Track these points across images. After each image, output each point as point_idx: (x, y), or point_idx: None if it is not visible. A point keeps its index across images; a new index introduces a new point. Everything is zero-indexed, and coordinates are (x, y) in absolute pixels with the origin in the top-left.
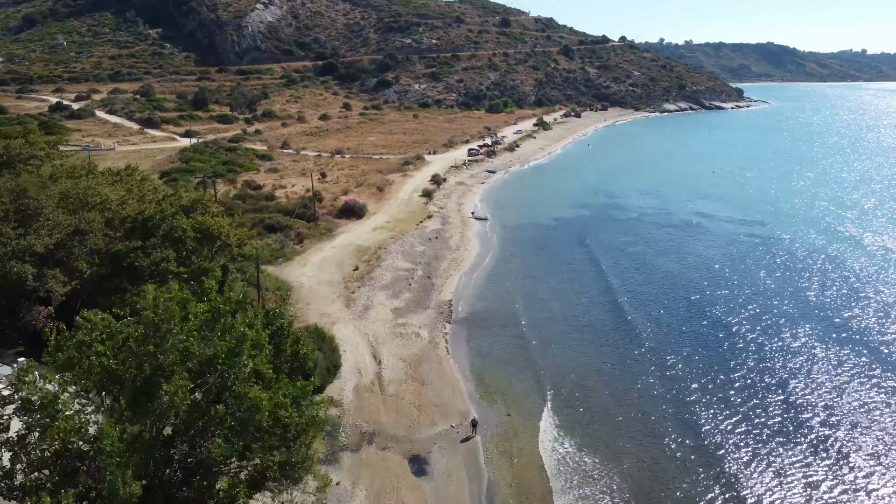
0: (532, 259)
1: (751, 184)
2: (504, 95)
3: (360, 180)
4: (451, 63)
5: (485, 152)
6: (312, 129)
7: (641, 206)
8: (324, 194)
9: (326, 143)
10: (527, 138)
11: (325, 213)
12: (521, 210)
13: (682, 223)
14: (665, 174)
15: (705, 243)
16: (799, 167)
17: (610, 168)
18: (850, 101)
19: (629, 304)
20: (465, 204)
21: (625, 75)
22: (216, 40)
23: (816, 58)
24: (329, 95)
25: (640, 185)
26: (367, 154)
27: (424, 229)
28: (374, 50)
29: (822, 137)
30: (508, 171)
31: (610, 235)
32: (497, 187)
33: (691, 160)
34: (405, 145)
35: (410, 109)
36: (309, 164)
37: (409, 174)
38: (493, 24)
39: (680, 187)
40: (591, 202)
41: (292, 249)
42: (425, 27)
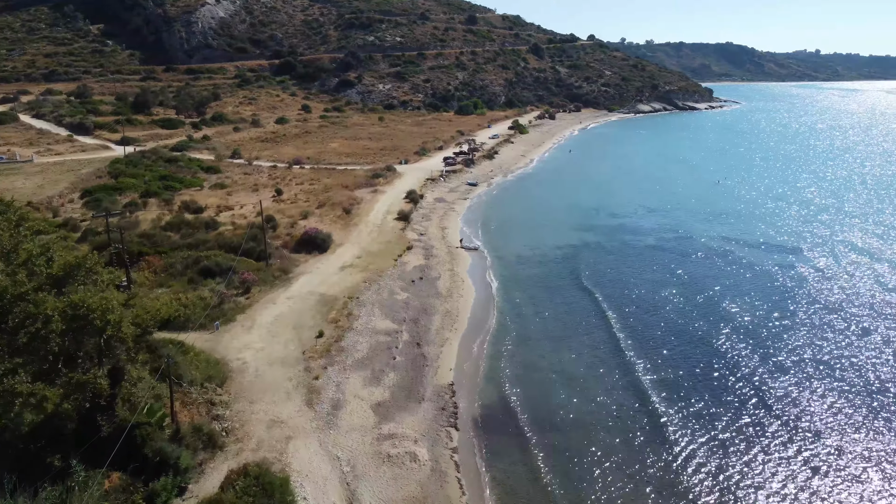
0: (547, 310)
1: (763, 198)
2: (473, 96)
3: (322, 199)
4: (416, 62)
5: (462, 161)
6: (268, 134)
7: (654, 230)
8: (279, 218)
9: (283, 152)
10: (504, 143)
11: (280, 245)
12: (517, 235)
13: (710, 252)
14: (666, 186)
15: (760, 288)
16: (807, 176)
17: (602, 179)
18: (817, 101)
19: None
20: (448, 228)
21: (596, 75)
22: (163, 37)
23: (774, 58)
24: (287, 96)
25: (643, 200)
26: (329, 164)
27: (405, 266)
28: (335, 48)
29: (812, 141)
30: (491, 184)
31: (633, 273)
32: (482, 204)
33: (687, 169)
34: (372, 153)
35: (375, 111)
36: (262, 177)
37: (379, 189)
38: (459, 22)
39: (688, 203)
40: (595, 224)
41: (235, 304)
42: (389, 24)
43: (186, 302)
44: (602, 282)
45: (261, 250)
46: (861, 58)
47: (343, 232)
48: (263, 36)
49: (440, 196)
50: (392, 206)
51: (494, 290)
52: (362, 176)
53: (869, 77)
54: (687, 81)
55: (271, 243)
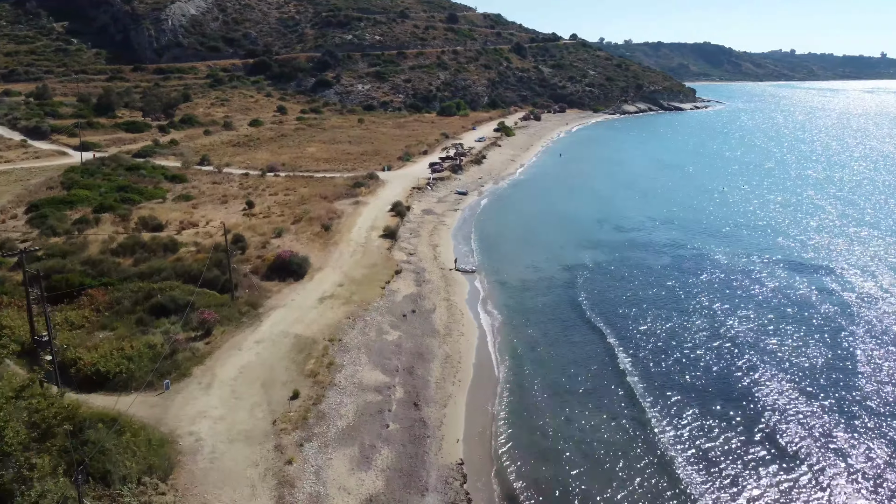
0: (564, 352)
1: (773, 207)
2: (456, 96)
3: (298, 212)
4: (396, 61)
5: (449, 167)
6: (241, 137)
7: (667, 245)
8: (249, 237)
9: (256, 157)
10: (491, 147)
11: (249, 270)
12: (516, 254)
13: (735, 275)
14: (667, 195)
15: (794, 317)
16: (811, 180)
17: (599, 187)
18: (800, 101)
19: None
20: (440, 245)
21: (580, 75)
22: (131, 35)
23: (751, 58)
24: (261, 97)
25: (647, 210)
26: (306, 171)
27: (394, 296)
28: (312, 47)
29: (807, 143)
30: (482, 192)
31: (651, 301)
32: (475, 216)
33: (686, 176)
34: (352, 158)
35: (354, 113)
36: (233, 186)
37: (361, 201)
38: (439, 20)
39: (694, 214)
40: (600, 240)
41: (191, 353)
42: (367, 22)
43: (131, 352)
44: (620, 315)
45: (226, 280)
46: (835, 58)
47: (322, 253)
48: (237, 34)
49: (428, 207)
50: (376, 220)
51: (499, 326)
52: (342, 185)
53: (843, 77)
54: (671, 81)
55: (239, 269)
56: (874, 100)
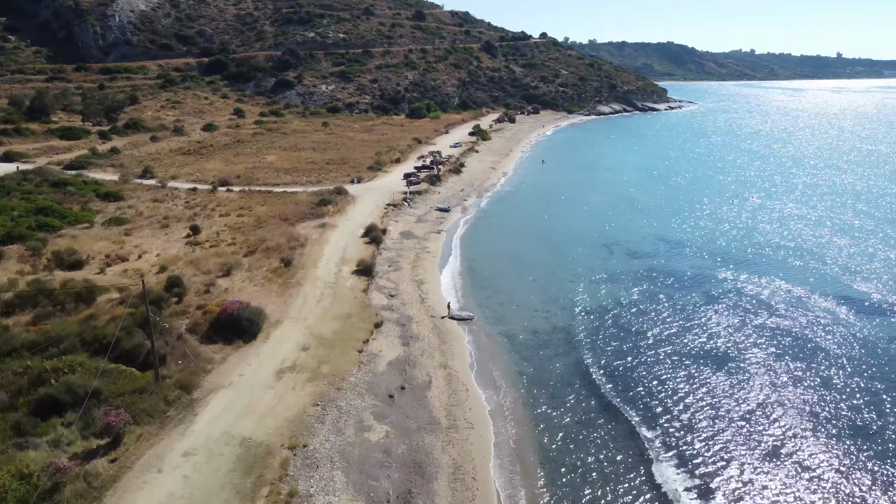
0: (611, 451)
1: (797, 221)
2: (426, 97)
3: (253, 240)
4: (362, 60)
5: (426, 178)
6: (192, 144)
7: (693, 276)
8: (190, 276)
9: (208, 168)
10: (469, 153)
11: (186, 328)
12: (520, 292)
13: (789, 313)
14: (673, 209)
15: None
16: (823, 187)
17: (594, 200)
18: (771, 101)
19: None
20: (426, 282)
21: (553, 74)
22: (75, 32)
23: (714, 57)
24: (217, 99)
25: (657, 230)
26: (264, 184)
27: (375, 363)
28: (272, 45)
29: (801, 146)
30: (466, 208)
31: (700, 362)
32: (462, 239)
33: (686, 184)
34: (317, 168)
35: (318, 115)
36: (177, 205)
37: (329, 223)
38: (406, 18)
39: (712, 232)
40: (615, 271)
41: (87, 482)
42: (330, 19)
43: None
44: (658, 395)
45: (148, 352)
46: (793, 57)
47: (281, 299)
48: (191, 32)
49: (407, 229)
50: (347, 248)
51: (515, 408)
52: (306, 202)
53: (802, 76)
54: (644, 81)
55: (171, 328)
56: (844, 99)
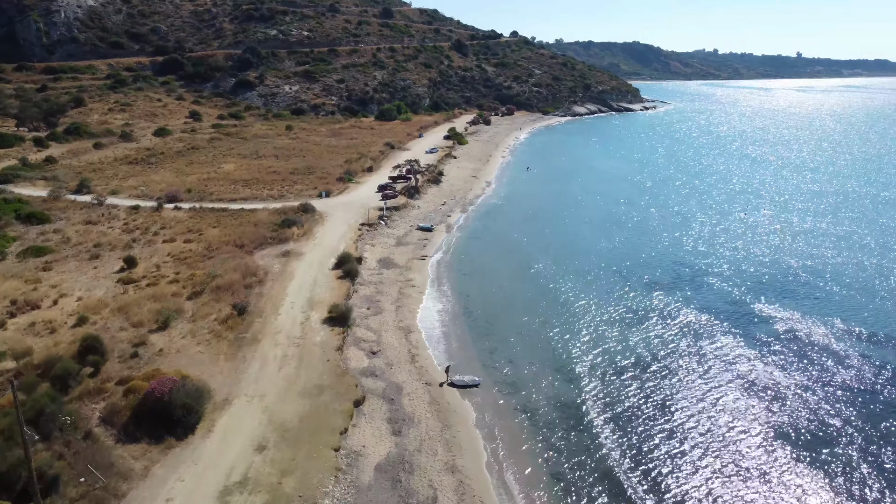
0: None
1: (817, 233)
2: (395, 98)
3: (200, 277)
4: (328, 59)
5: (403, 189)
6: (140, 152)
7: (736, 317)
8: (115, 333)
9: (156, 180)
10: (447, 159)
11: (99, 417)
12: (528, 341)
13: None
14: (680, 221)
15: None
16: (835, 195)
17: (595, 215)
18: (740, 100)
19: None
20: (415, 331)
21: (526, 74)
22: (17, 29)
23: (679, 57)
24: (171, 101)
25: (673, 251)
26: (219, 199)
27: (357, 473)
28: (231, 43)
29: (792, 149)
30: (450, 226)
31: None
32: (451, 268)
33: (685, 193)
34: (280, 179)
35: (281, 118)
36: (115, 227)
37: (293, 250)
38: (373, 15)
39: (737, 252)
40: (643, 308)
41: None
42: (294, 16)
43: None
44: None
45: (29, 478)
46: (755, 57)
47: (231, 364)
48: (144, 29)
49: (386, 255)
50: (317, 285)
51: None
52: (266, 222)
53: (765, 76)
54: (618, 81)
55: (75, 420)
56: (813, 99)
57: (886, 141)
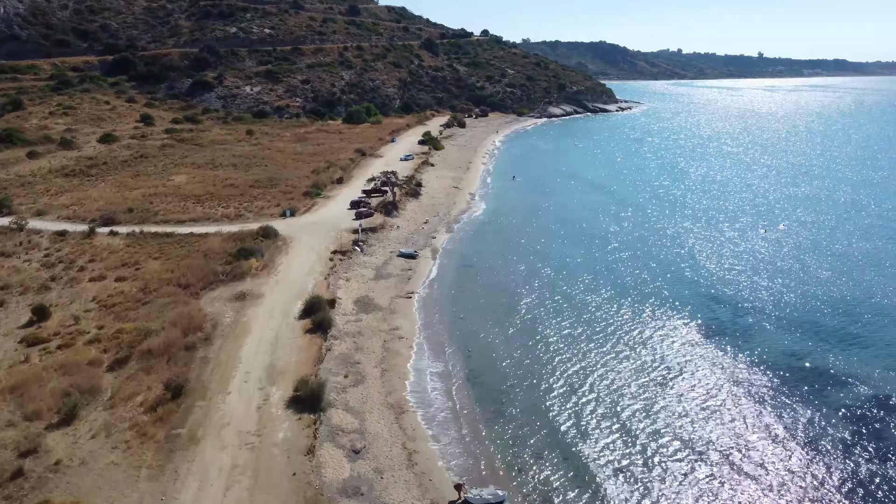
0: None
1: (853, 252)
2: (364, 99)
3: (129, 333)
4: (292, 58)
5: (380, 206)
6: (81, 162)
7: (808, 385)
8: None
9: (93, 196)
10: (424, 167)
11: None
12: (559, 427)
13: None
14: (698, 242)
15: None
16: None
17: (595, 232)
18: (712, 100)
19: None
20: (409, 410)
21: (499, 74)
22: None
23: (645, 57)
24: (121, 103)
25: (706, 281)
26: (165, 221)
27: None
28: (188, 41)
29: (791, 152)
30: (436, 249)
31: None
32: (444, 310)
33: (691, 205)
34: (238, 194)
35: (242, 121)
36: (31, 261)
37: (251, 291)
38: (339, 13)
39: (773, 282)
40: (686, 357)
41: None
42: (255, 13)
43: None
44: None
45: None
46: (718, 57)
47: (154, 487)
48: (92, 26)
49: (365, 293)
50: (279, 345)
51: None
52: (219, 252)
53: (729, 75)
54: (592, 81)
55: None
56: (784, 99)
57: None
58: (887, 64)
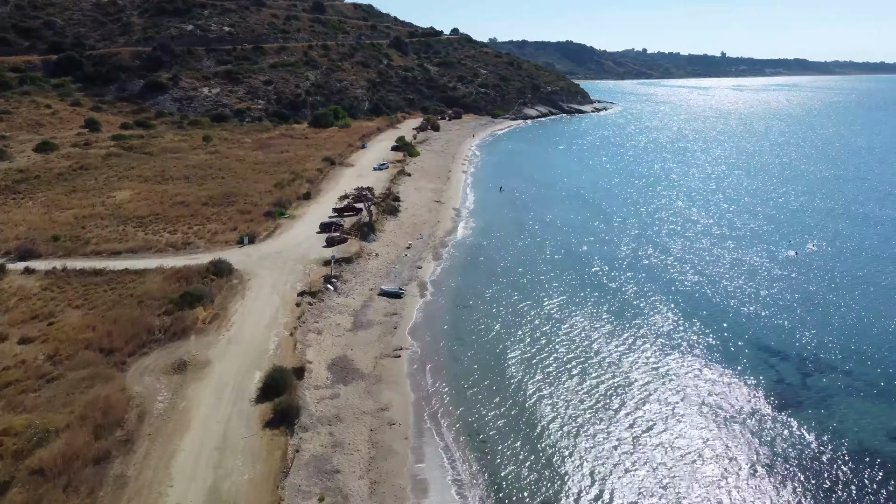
0: None
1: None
2: (331, 101)
3: (20, 433)
4: (253, 58)
5: (354, 227)
6: (9, 175)
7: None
8: None
9: (15, 219)
10: (400, 177)
11: None
12: None
13: None
14: (720, 267)
15: None
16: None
17: (601, 254)
18: (685, 100)
19: None
20: None
21: (471, 74)
22: None
23: (612, 56)
24: (64, 107)
25: (741, 320)
26: (97, 253)
27: None
28: (141, 39)
29: (799, 158)
30: (424, 286)
31: None
32: (442, 376)
33: (703, 221)
34: (188, 215)
35: (199, 126)
36: None
37: (193, 357)
38: (303, 10)
39: (821, 321)
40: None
41: None
42: (213, 10)
43: None
44: None
45: None
46: (682, 56)
47: None
48: (36, 23)
49: (341, 353)
50: (227, 449)
51: None
52: (159, 296)
53: (694, 74)
54: (566, 81)
55: None
56: (756, 98)
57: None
58: (845, 63)
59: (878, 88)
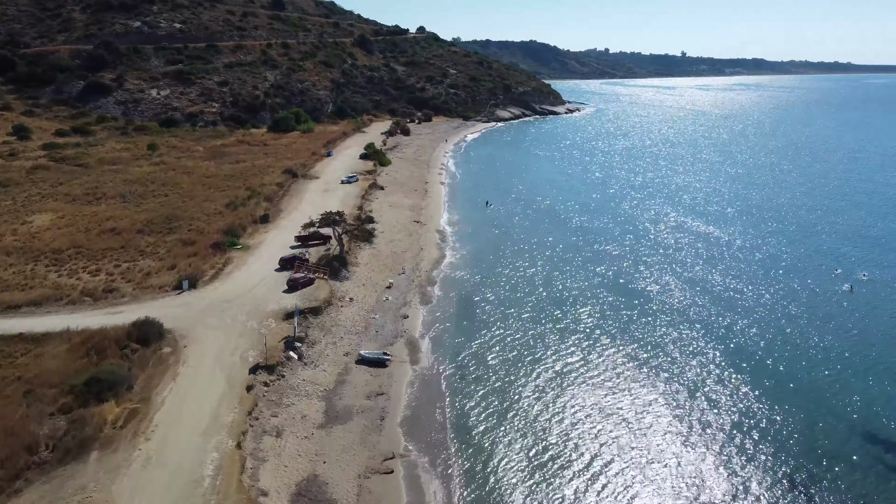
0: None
1: None
2: (292, 104)
3: None
4: (207, 57)
5: (322, 261)
6: None
7: None
8: None
9: None
10: (372, 191)
11: None
12: None
13: None
14: (767, 307)
15: None
16: None
17: (619, 285)
18: (653, 100)
19: None
20: None
21: (440, 74)
22: None
23: (575, 56)
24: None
25: (810, 387)
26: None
27: None
28: (82, 36)
29: (812, 165)
30: (415, 346)
31: None
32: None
33: (728, 246)
34: (118, 247)
35: (146, 132)
36: None
37: (90, 493)
38: (261, 6)
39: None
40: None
41: None
42: (163, 6)
43: None
44: None
45: None
46: (645, 56)
47: None
48: None
49: (309, 472)
50: None
51: None
52: (55, 381)
53: (657, 74)
54: (537, 81)
55: None
56: (723, 97)
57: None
58: (800, 63)
59: (836, 87)
